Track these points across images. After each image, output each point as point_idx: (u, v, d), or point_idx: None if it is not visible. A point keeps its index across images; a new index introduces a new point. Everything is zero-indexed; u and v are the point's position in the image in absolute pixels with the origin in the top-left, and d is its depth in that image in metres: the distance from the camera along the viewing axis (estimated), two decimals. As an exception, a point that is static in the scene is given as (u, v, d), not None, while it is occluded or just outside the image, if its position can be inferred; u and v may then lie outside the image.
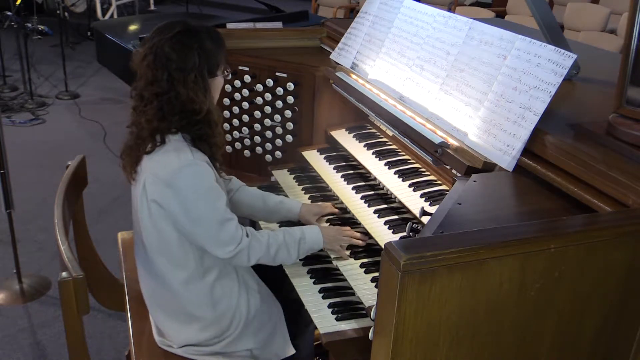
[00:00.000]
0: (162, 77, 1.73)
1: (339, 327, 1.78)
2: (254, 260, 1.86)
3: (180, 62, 1.73)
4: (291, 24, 5.22)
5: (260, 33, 2.92)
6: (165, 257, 1.83)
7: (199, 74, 1.75)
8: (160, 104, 1.74)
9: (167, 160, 1.74)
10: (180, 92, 1.73)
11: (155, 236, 1.81)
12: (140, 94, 1.78)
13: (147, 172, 1.77)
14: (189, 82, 1.73)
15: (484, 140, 1.74)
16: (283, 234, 1.92)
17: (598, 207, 1.40)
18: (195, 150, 1.77)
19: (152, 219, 1.79)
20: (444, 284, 1.16)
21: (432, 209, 1.80)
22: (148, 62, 1.74)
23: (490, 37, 1.86)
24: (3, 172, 3.01)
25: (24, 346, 2.88)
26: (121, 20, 7.58)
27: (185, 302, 1.86)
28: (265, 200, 2.18)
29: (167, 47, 1.73)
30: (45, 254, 3.57)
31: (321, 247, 1.97)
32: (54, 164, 4.67)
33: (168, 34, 1.74)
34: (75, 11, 9.11)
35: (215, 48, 1.81)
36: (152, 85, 1.74)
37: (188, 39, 1.75)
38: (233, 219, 1.81)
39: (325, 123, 2.65)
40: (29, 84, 6.05)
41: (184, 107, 1.75)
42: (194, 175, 1.73)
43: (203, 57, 1.76)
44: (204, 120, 1.78)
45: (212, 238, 1.78)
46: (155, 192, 1.75)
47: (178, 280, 1.84)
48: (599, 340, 1.39)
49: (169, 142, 1.77)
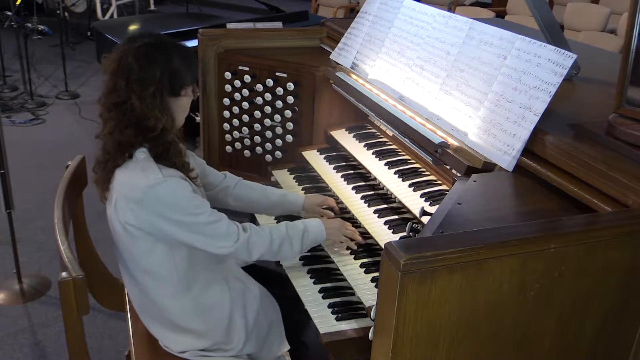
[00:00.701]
0: (120, 86, 1.68)
1: (339, 327, 1.78)
2: (257, 255, 1.83)
3: (140, 73, 1.67)
4: (291, 24, 5.23)
5: (260, 33, 2.93)
6: (147, 274, 1.80)
7: (158, 90, 1.68)
8: (118, 114, 1.69)
9: (135, 181, 1.69)
10: (134, 104, 1.67)
11: (135, 254, 1.78)
12: (102, 103, 1.74)
13: (118, 194, 1.72)
14: (145, 96, 1.67)
15: (484, 140, 1.74)
16: (286, 227, 1.90)
17: (598, 207, 1.40)
18: (164, 168, 1.71)
19: (129, 238, 1.74)
20: (444, 284, 1.16)
21: (432, 209, 1.80)
22: (112, 70, 1.70)
23: (490, 37, 1.86)
24: (3, 172, 3.01)
25: (24, 346, 2.88)
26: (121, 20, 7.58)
27: (173, 315, 1.83)
28: (267, 193, 2.17)
29: (130, 57, 1.67)
30: (45, 254, 3.57)
31: (324, 238, 1.95)
32: (54, 164, 4.67)
33: (136, 44, 1.70)
34: (75, 11, 9.10)
35: (183, 68, 1.73)
36: (111, 94, 1.70)
37: (154, 51, 1.69)
38: (221, 219, 1.77)
39: (325, 123, 2.65)
40: (29, 84, 6.05)
41: (138, 121, 1.69)
42: (165, 193, 1.68)
43: (166, 74, 1.69)
44: (159, 138, 1.71)
45: (204, 239, 1.75)
46: (128, 215, 1.70)
47: (163, 295, 1.81)
48: (599, 340, 1.39)
49: (135, 160, 1.71)
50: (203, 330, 1.86)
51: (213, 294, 1.86)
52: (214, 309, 1.86)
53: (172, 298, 1.82)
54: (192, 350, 1.89)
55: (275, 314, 1.99)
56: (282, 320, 1.99)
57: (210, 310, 1.85)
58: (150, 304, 1.87)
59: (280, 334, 1.98)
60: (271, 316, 1.97)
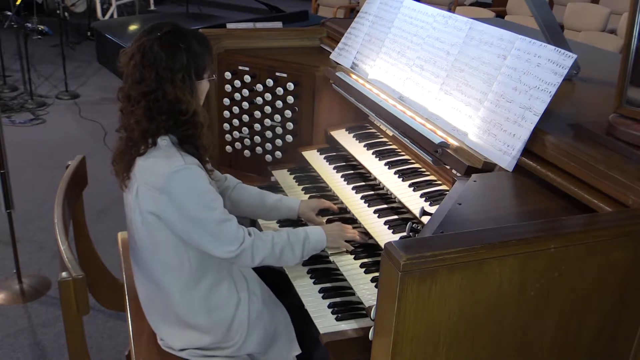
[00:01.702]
0: (149, 76, 1.72)
1: (339, 327, 1.78)
2: (259, 260, 1.85)
3: (168, 61, 1.72)
4: (291, 24, 5.23)
5: (260, 33, 2.92)
6: (160, 263, 1.82)
7: (187, 74, 1.74)
8: (148, 103, 1.73)
9: (158, 167, 1.73)
10: (167, 91, 1.72)
11: (150, 244, 1.80)
12: (127, 95, 1.77)
13: (140, 181, 1.75)
14: (176, 81, 1.72)
15: (484, 140, 1.74)
16: (287, 234, 1.91)
17: (598, 207, 1.40)
18: (185, 155, 1.76)
19: (146, 227, 1.78)
20: (444, 284, 1.16)
21: (432, 209, 1.80)
22: (135, 62, 1.73)
23: (490, 37, 1.86)
24: (3, 172, 3.01)
25: (24, 346, 2.88)
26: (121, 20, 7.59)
27: (180, 308, 1.85)
28: (264, 198, 2.18)
29: (156, 46, 1.72)
30: (45, 254, 3.57)
31: (324, 246, 1.97)
32: (54, 164, 4.67)
33: (157, 34, 1.74)
34: (75, 11, 9.10)
35: (203, 51, 1.80)
36: (139, 85, 1.73)
37: (177, 39, 1.75)
38: (232, 219, 1.80)
39: (325, 123, 2.65)
40: (29, 84, 6.05)
41: (171, 106, 1.73)
42: (187, 179, 1.72)
43: (191, 58, 1.75)
44: (191, 121, 1.77)
45: (212, 240, 1.77)
46: (149, 202, 1.74)
47: (173, 286, 1.83)
48: (599, 340, 1.39)
49: (158, 148, 1.75)
50: (207, 326, 1.87)
51: (220, 292, 1.88)
52: (220, 307, 1.87)
53: (180, 290, 1.83)
54: (192, 349, 1.89)
55: (282, 317, 2.00)
56: (291, 324, 2.00)
57: (216, 308, 1.87)
58: (157, 296, 1.88)
59: (290, 338, 1.99)
60: (277, 319, 1.98)
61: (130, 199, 1.79)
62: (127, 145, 1.79)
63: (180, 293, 1.83)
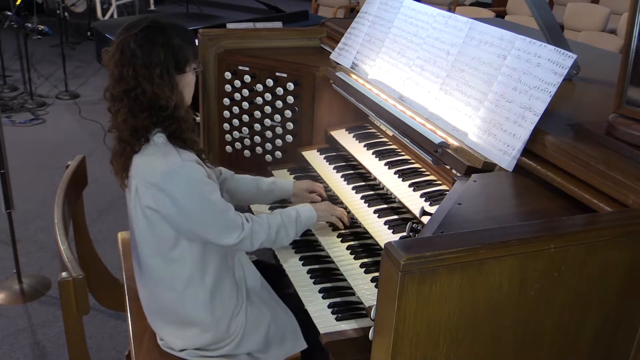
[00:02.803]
0: (127, 74, 1.72)
1: (339, 327, 1.78)
2: (257, 244, 1.88)
3: (145, 57, 1.72)
4: (291, 24, 5.23)
5: (260, 33, 2.92)
6: (162, 259, 1.83)
7: (165, 69, 1.74)
8: (129, 101, 1.74)
9: (155, 165, 1.74)
10: (145, 88, 1.72)
11: (152, 240, 1.82)
12: (111, 94, 1.78)
13: (138, 179, 1.77)
14: (154, 77, 1.72)
15: (484, 140, 1.74)
16: (280, 215, 1.96)
17: (598, 207, 1.40)
18: (182, 151, 1.77)
19: (147, 223, 1.79)
20: (444, 284, 1.16)
21: (432, 209, 1.80)
22: (115, 60, 1.74)
23: (490, 37, 1.86)
24: (3, 172, 3.01)
25: (24, 346, 2.88)
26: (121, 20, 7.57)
27: (184, 304, 1.86)
28: (259, 184, 2.23)
29: (132, 43, 1.72)
30: (45, 254, 3.56)
31: (316, 221, 2.03)
32: (54, 164, 4.67)
33: (134, 30, 1.74)
34: (75, 11, 9.11)
35: (183, 44, 1.79)
36: (119, 83, 1.74)
37: (153, 34, 1.74)
38: (230, 208, 1.83)
39: (325, 123, 2.65)
40: (29, 84, 6.05)
41: (151, 103, 1.74)
42: (185, 175, 1.73)
43: (169, 52, 1.75)
44: (173, 116, 1.77)
45: (215, 230, 1.79)
46: (148, 198, 1.76)
47: (176, 282, 1.84)
48: (599, 340, 1.39)
49: (154, 145, 1.76)
50: (208, 323, 1.87)
51: (224, 286, 1.90)
52: (222, 303, 1.89)
53: (184, 286, 1.84)
54: (191, 350, 1.90)
55: (285, 316, 2.00)
56: (296, 322, 2.01)
57: (219, 303, 1.88)
58: (160, 294, 1.88)
59: (294, 335, 1.99)
60: (279, 318, 1.98)
61: (131, 197, 1.81)
62: (121, 144, 1.80)
63: (185, 288, 1.84)
